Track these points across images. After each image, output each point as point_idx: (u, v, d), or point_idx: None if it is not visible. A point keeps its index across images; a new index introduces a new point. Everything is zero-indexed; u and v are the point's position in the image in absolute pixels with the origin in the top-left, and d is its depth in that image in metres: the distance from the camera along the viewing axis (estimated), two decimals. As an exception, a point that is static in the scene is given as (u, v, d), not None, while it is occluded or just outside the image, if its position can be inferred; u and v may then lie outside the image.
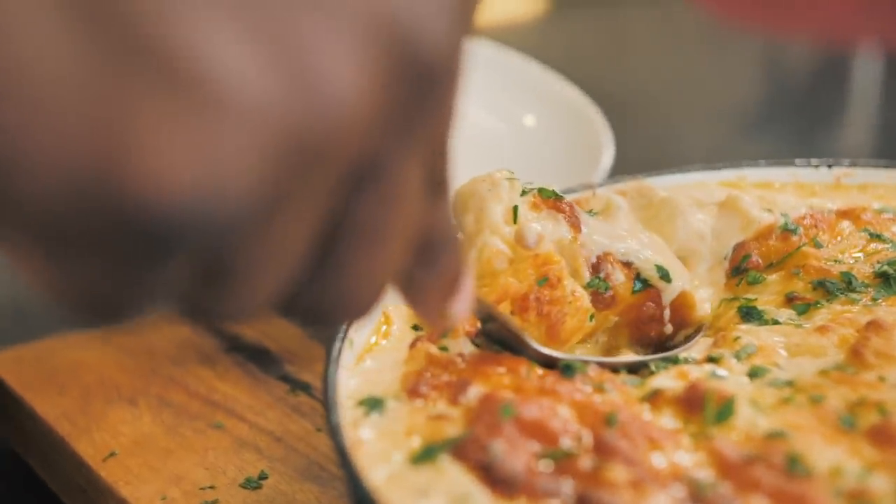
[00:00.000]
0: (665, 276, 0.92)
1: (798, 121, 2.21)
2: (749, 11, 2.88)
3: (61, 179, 0.45)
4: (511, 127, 1.56)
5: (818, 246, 0.97)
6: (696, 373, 0.84)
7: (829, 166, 1.08)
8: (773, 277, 0.96)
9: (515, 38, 2.60)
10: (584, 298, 0.90)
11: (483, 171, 0.95)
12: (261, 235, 0.51)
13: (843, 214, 1.02)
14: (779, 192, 1.07)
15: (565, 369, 0.85)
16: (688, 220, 0.99)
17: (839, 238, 0.99)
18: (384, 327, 0.90)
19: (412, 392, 0.83)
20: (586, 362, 0.87)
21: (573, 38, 2.76)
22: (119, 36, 0.45)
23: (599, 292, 0.91)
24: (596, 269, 0.92)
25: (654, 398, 0.81)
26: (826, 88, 2.41)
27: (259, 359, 1.13)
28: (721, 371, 0.85)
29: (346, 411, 0.80)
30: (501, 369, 0.84)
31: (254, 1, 0.48)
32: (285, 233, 0.52)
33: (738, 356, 0.86)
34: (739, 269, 0.96)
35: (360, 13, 0.50)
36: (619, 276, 0.92)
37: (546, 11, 3.10)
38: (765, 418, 0.79)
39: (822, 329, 0.88)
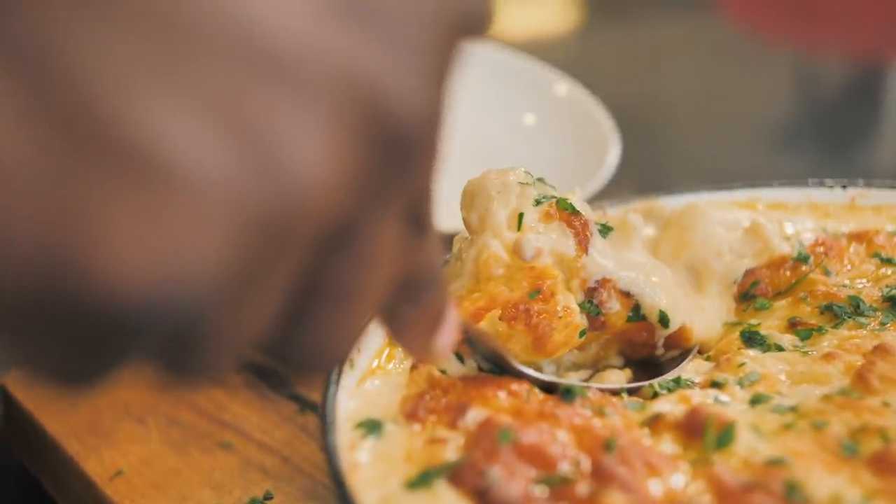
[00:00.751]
0: (664, 320, 0.92)
1: (831, 137, 2.19)
2: (782, 25, 2.86)
3: (19, 267, 0.45)
4: (511, 125, 1.55)
5: (827, 274, 0.96)
6: (699, 398, 0.84)
7: (844, 187, 1.07)
8: (780, 303, 0.95)
9: (548, 51, 2.61)
10: (576, 314, 0.89)
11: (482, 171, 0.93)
12: (229, 309, 0.50)
13: (856, 237, 1.01)
14: (793, 212, 1.06)
15: (565, 393, 0.85)
16: (707, 229, 0.98)
17: (848, 266, 0.98)
18: (387, 350, 0.89)
19: (410, 415, 0.83)
20: (587, 386, 0.86)
21: (605, 52, 2.76)
22: (77, 121, 0.44)
23: (591, 315, 0.91)
24: (592, 293, 0.91)
25: (654, 423, 0.81)
26: (859, 104, 2.39)
27: (270, 378, 1.14)
28: (723, 397, 0.84)
29: (344, 433, 0.80)
30: (502, 393, 0.84)
31: (217, 83, 0.46)
32: (255, 301, 0.52)
33: (741, 383, 0.86)
34: (747, 296, 0.96)
35: (330, 83, 0.49)
36: (614, 305, 0.91)
37: (579, 25, 3.10)
38: (765, 444, 0.78)
39: (828, 356, 0.88)
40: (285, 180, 0.48)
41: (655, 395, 0.88)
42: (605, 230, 0.94)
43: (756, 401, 0.84)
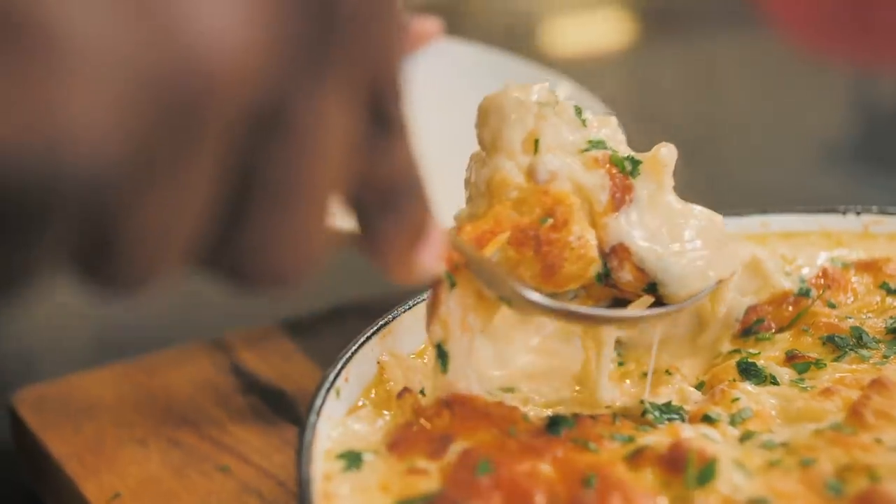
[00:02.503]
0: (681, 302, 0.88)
1: (890, 158, 2.16)
2: (838, 42, 2.83)
3: None
4: None
5: (831, 307, 0.95)
6: (687, 432, 0.82)
7: (858, 213, 1.05)
8: (782, 335, 0.94)
9: (600, 70, 2.59)
10: (590, 247, 0.84)
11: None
12: (145, 195, 0.47)
13: (865, 267, 1.00)
14: (803, 241, 1.04)
15: (551, 425, 0.84)
16: None
17: (852, 297, 0.96)
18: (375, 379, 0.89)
19: (392, 446, 0.83)
20: (577, 415, 0.85)
21: (658, 70, 2.74)
22: None
23: (599, 278, 0.86)
24: (606, 256, 0.86)
25: (637, 456, 0.80)
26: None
27: (274, 401, 1.14)
28: (713, 433, 0.83)
29: (322, 463, 0.81)
30: (487, 424, 0.83)
31: None
32: (178, 192, 0.49)
33: (733, 420, 0.84)
34: (750, 332, 0.94)
35: None
36: (625, 276, 0.86)
37: (633, 42, 3.08)
38: (749, 482, 0.77)
39: (826, 392, 0.87)
40: (184, 43, 0.45)
41: (645, 414, 0.86)
42: (635, 165, 0.88)
43: (746, 437, 0.83)
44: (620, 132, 0.90)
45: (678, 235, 0.87)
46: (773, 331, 0.95)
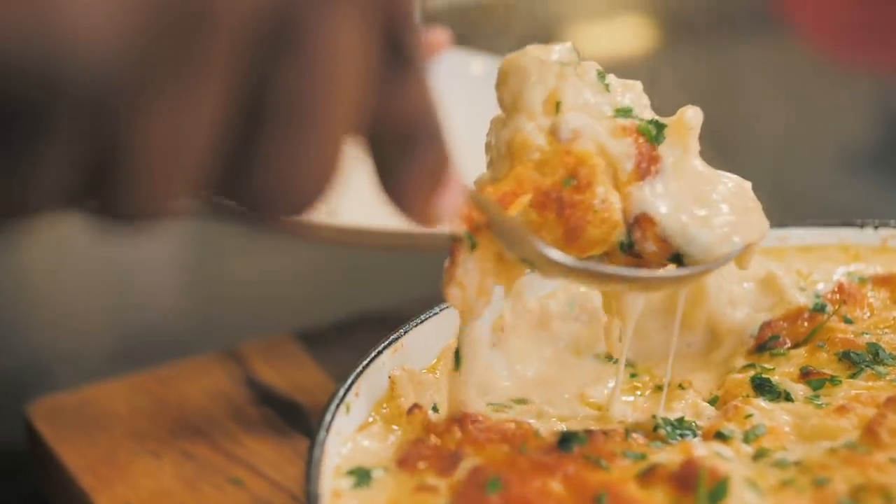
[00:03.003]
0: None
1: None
2: (861, 49, 2.81)
3: None
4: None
5: (847, 322, 0.94)
6: (700, 450, 0.82)
7: (876, 227, 1.04)
8: (797, 351, 0.93)
9: (621, 73, 2.59)
10: (615, 210, 0.82)
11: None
12: (151, 105, 0.47)
13: (882, 282, 0.99)
14: (820, 255, 1.04)
15: (562, 442, 0.83)
16: (720, 283, 0.96)
17: (868, 313, 0.95)
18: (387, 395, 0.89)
19: (402, 462, 0.83)
20: (589, 431, 0.85)
21: (680, 75, 2.73)
22: None
23: (622, 247, 0.84)
24: (630, 227, 0.83)
25: (648, 475, 0.79)
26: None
27: (288, 413, 1.14)
28: (726, 451, 0.82)
29: (331, 480, 0.80)
30: (498, 440, 0.83)
31: None
32: (186, 105, 0.48)
33: (746, 437, 0.83)
34: (765, 348, 0.93)
35: None
36: (649, 247, 0.83)
37: (654, 47, 3.07)
38: (761, 501, 0.77)
39: (841, 409, 0.86)
40: None
41: (656, 428, 0.86)
42: (660, 130, 0.85)
43: (760, 455, 0.82)
44: (645, 97, 0.88)
45: (704, 200, 0.84)
46: (788, 346, 0.95)
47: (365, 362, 0.90)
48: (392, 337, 0.93)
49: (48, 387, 1.21)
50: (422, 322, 0.95)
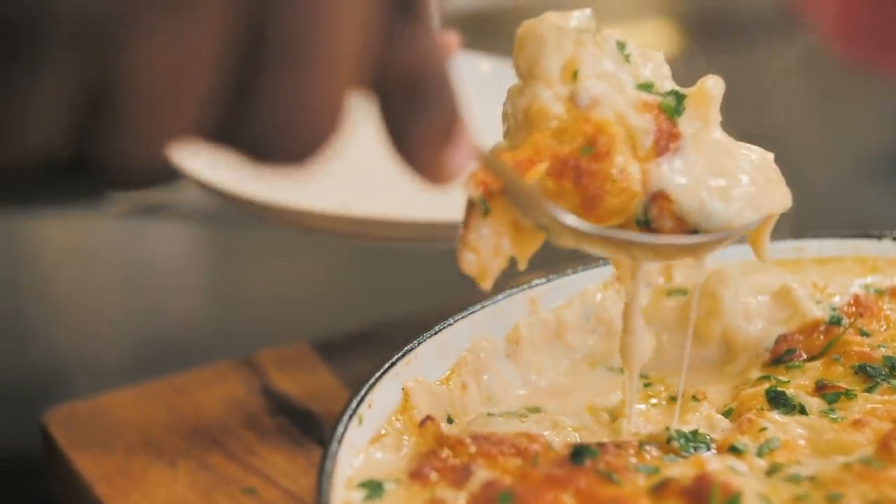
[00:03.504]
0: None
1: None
2: (885, 54, 2.80)
3: None
4: None
5: (864, 335, 0.93)
6: (714, 464, 0.81)
7: (894, 238, 1.04)
8: (813, 364, 0.92)
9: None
10: (633, 180, 0.81)
11: None
12: (147, 36, 0.47)
13: (897, 294, 0.98)
14: (837, 266, 1.03)
15: (575, 455, 0.83)
16: (735, 297, 0.96)
17: (885, 326, 0.95)
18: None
19: (415, 475, 0.83)
20: (602, 444, 0.84)
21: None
22: None
23: (639, 223, 0.83)
24: (647, 204, 0.82)
25: (661, 489, 0.79)
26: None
27: (302, 422, 1.14)
28: (740, 465, 0.81)
29: (343, 492, 0.80)
30: (511, 453, 0.83)
31: None
32: (183, 40, 0.48)
33: (760, 451, 0.83)
34: (780, 361, 0.93)
35: None
36: (666, 223, 0.82)
37: (678, 52, 3.06)
38: (774, 517, 0.76)
39: (856, 423, 0.85)
40: None
41: (670, 441, 0.85)
42: (680, 101, 0.84)
43: (773, 470, 0.81)
44: (666, 67, 0.86)
45: (724, 172, 0.83)
46: (804, 359, 0.94)
47: (378, 374, 0.90)
48: (405, 349, 0.93)
49: (64, 394, 1.22)
50: (435, 333, 0.95)
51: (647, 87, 0.83)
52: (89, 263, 1.71)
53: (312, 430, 1.13)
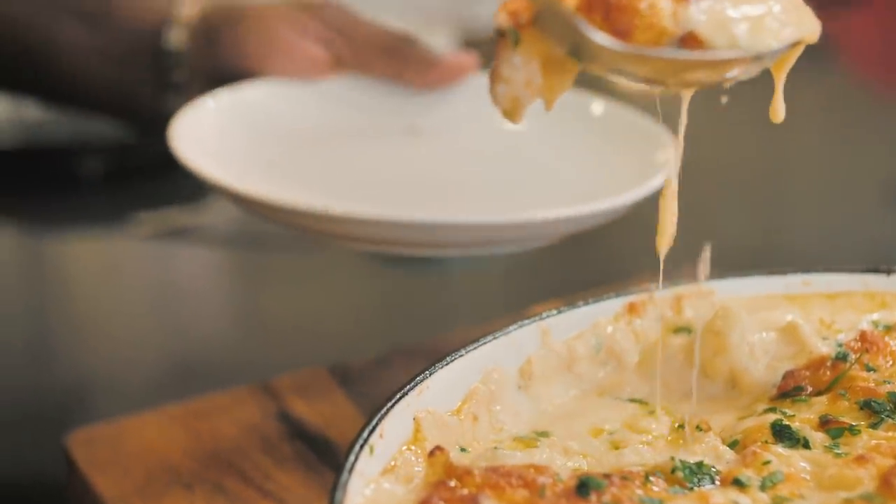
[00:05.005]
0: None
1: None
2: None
3: None
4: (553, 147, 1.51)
5: (870, 370, 0.95)
6: (718, 498, 0.83)
7: (903, 273, 1.05)
8: (818, 398, 0.94)
9: (666, 100, 2.59)
10: (662, 16, 0.80)
11: None
12: None
13: (905, 329, 0.99)
14: (845, 301, 1.04)
15: (580, 487, 0.84)
16: (742, 335, 0.98)
17: (890, 361, 0.96)
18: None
19: (424, 505, 0.84)
20: (608, 476, 0.86)
21: (720, 106, 2.72)
22: None
23: None
24: (679, 45, 0.81)
25: (664, 523, 0.80)
26: None
27: (318, 448, 1.16)
28: (743, 499, 0.83)
29: (352, 523, 0.81)
30: (518, 484, 0.84)
31: None
32: None
33: (763, 484, 0.84)
34: (787, 395, 0.95)
35: None
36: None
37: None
38: (775, 552, 0.77)
39: (859, 459, 0.86)
40: None
41: (674, 471, 0.86)
42: None
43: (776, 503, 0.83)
44: None
45: (753, 4, 0.82)
46: (810, 392, 0.96)
47: (390, 404, 0.91)
48: (417, 379, 0.95)
49: (86, 415, 1.24)
50: (447, 364, 0.97)
51: None
52: (114, 285, 1.73)
53: (328, 456, 1.16)
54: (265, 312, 1.59)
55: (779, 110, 0.90)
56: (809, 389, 0.96)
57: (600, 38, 0.79)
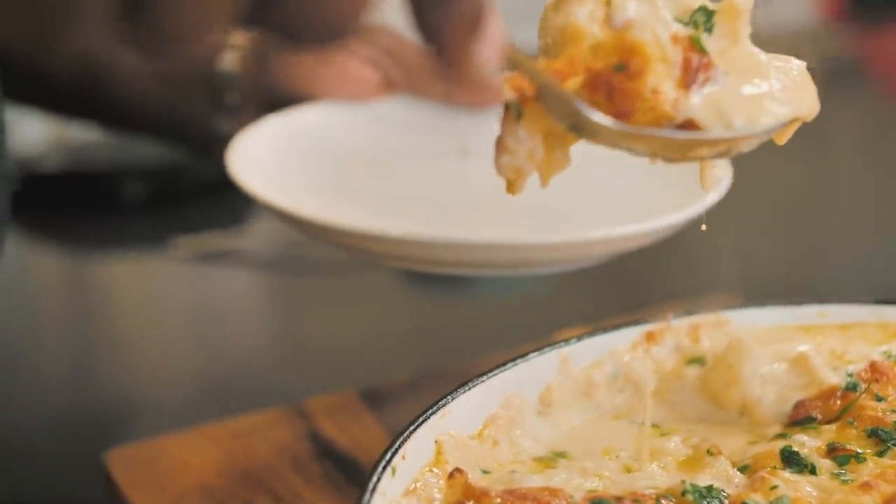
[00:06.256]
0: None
1: None
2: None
3: None
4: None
5: (879, 400, 0.98)
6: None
7: (918, 305, 1.09)
8: (827, 426, 0.97)
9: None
10: (666, 102, 0.82)
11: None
12: None
13: (915, 360, 1.03)
14: (859, 332, 1.08)
15: (594, 511, 0.88)
16: (754, 367, 1.02)
17: (899, 391, 1.00)
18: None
19: (443, 527, 0.88)
20: (620, 499, 0.90)
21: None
22: None
23: None
24: (678, 128, 0.83)
25: (672, 546, 0.84)
26: None
27: (347, 469, 1.21)
28: (751, 525, 0.87)
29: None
30: (535, 506, 0.88)
31: None
32: None
33: (770, 510, 0.88)
34: (798, 424, 0.98)
35: None
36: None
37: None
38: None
39: (865, 486, 0.90)
40: None
41: (685, 494, 0.90)
42: (709, 17, 0.85)
43: (783, 531, 0.87)
44: None
45: (754, 90, 0.85)
46: (820, 420, 0.99)
47: (412, 427, 0.96)
48: (440, 403, 0.99)
49: (123, 434, 1.30)
50: (469, 389, 1.01)
51: (680, 20, 0.85)
52: (154, 308, 1.79)
53: (356, 477, 1.20)
54: (299, 335, 1.64)
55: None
56: (820, 418, 1.00)
57: (598, 118, 0.82)
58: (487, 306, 1.66)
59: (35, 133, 2.16)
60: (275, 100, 1.53)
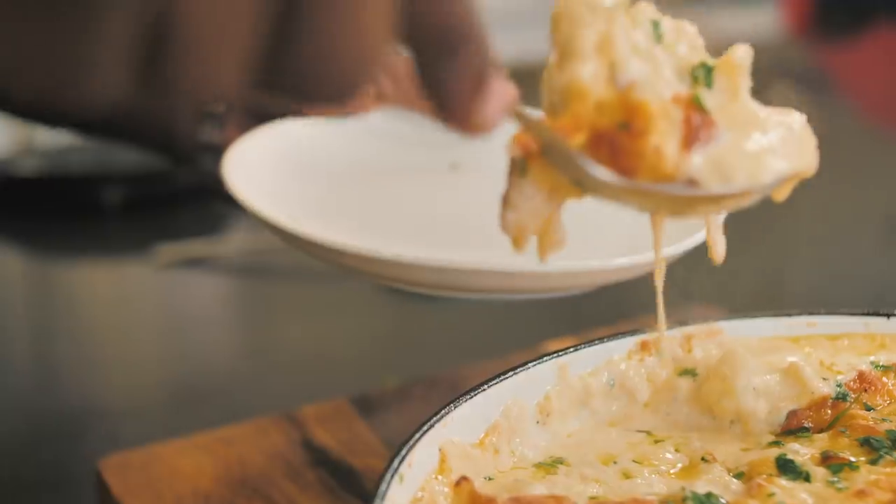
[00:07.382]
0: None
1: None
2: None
3: None
4: None
5: (868, 409, 1.02)
6: (725, 528, 0.90)
7: (903, 316, 1.12)
8: (820, 435, 1.01)
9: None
10: (667, 161, 0.84)
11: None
12: None
13: (902, 370, 1.06)
14: (847, 343, 1.11)
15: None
16: (747, 379, 1.05)
17: (888, 401, 1.03)
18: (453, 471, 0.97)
19: (449, 533, 0.90)
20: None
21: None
22: None
23: None
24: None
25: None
26: None
27: (341, 475, 1.23)
28: (748, 535, 0.90)
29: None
30: (542, 513, 0.91)
31: None
32: None
33: (768, 516, 0.91)
34: (791, 433, 1.02)
35: None
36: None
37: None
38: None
39: (860, 493, 0.93)
40: None
41: (684, 501, 0.93)
42: (708, 73, 0.87)
43: (780, 539, 0.90)
44: (699, 39, 0.89)
45: (755, 146, 0.87)
46: (812, 430, 1.03)
47: (418, 435, 0.98)
48: (443, 411, 1.01)
49: (117, 442, 1.31)
50: (470, 397, 1.03)
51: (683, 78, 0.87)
52: (131, 313, 1.80)
53: (349, 483, 1.22)
54: (283, 343, 1.66)
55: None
56: (812, 428, 1.03)
57: (601, 173, 0.84)
58: (472, 313, 1.68)
59: (2, 136, 2.16)
60: (260, 109, 1.53)
